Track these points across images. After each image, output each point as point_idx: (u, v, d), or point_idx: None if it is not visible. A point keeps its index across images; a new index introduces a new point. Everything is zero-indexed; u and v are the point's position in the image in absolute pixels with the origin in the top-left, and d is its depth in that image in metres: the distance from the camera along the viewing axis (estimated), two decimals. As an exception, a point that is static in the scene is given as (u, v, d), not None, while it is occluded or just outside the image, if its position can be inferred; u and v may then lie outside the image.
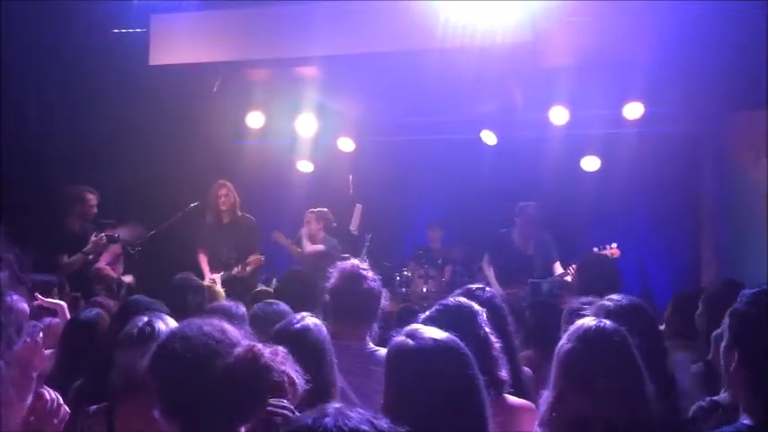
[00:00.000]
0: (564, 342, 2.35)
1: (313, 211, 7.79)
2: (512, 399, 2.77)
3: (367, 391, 2.86)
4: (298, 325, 2.66)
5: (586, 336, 2.31)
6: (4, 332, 1.27)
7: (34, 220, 6.48)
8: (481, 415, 2.03)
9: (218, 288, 7.06)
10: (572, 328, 2.38)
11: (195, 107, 8.08)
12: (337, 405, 1.41)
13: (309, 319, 2.70)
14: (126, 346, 2.48)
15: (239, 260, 7.30)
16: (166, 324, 2.57)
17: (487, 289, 3.37)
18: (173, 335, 1.94)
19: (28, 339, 2.02)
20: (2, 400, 1.05)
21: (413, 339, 2.09)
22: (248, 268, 7.29)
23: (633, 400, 2.23)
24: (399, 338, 2.12)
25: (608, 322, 2.38)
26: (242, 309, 3.58)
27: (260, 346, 1.87)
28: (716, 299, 3.44)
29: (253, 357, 1.82)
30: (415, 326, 2.22)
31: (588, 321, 2.39)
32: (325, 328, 2.73)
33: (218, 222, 7.48)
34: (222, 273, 7.27)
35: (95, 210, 7.06)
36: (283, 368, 1.85)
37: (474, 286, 3.37)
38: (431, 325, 2.27)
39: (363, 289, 3.40)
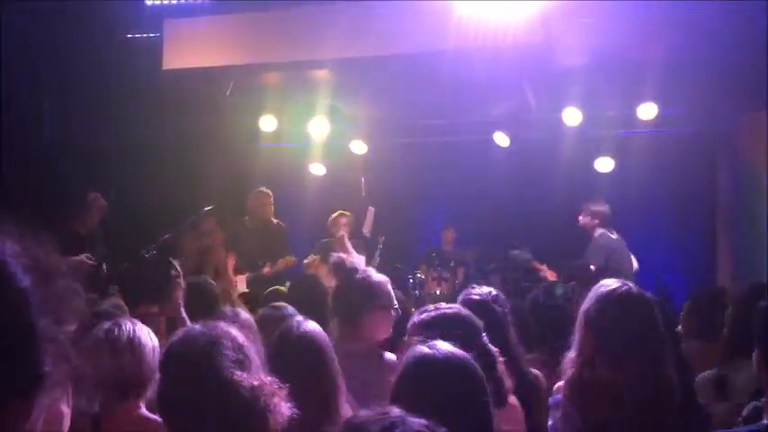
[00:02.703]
0: (592, 304, 2.36)
1: (345, 215, 7.62)
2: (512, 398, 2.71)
3: (371, 393, 2.76)
4: (298, 330, 2.60)
5: (617, 298, 2.35)
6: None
7: (40, 217, 6.49)
8: None
9: (240, 289, 7.07)
10: (595, 290, 2.41)
11: (208, 111, 8.10)
12: (398, 411, 1.26)
13: (309, 324, 2.64)
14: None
15: (266, 263, 7.29)
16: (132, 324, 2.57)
17: (485, 289, 3.22)
18: (188, 344, 1.91)
19: None
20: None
21: (432, 349, 2.03)
22: (279, 266, 7.23)
23: (657, 368, 2.25)
24: (420, 347, 2.07)
25: (633, 286, 2.41)
26: (243, 316, 3.38)
27: (269, 387, 1.87)
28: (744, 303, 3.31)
29: (255, 398, 1.83)
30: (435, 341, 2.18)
31: (613, 284, 2.41)
32: (323, 332, 2.68)
33: (250, 228, 7.49)
34: (247, 274, 7.26)
35: (98, 218, 7.08)
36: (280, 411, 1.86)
37: (474, 291, 3.21)
38: (426, 331, 2.25)
39: (357, 283, 3.29)
